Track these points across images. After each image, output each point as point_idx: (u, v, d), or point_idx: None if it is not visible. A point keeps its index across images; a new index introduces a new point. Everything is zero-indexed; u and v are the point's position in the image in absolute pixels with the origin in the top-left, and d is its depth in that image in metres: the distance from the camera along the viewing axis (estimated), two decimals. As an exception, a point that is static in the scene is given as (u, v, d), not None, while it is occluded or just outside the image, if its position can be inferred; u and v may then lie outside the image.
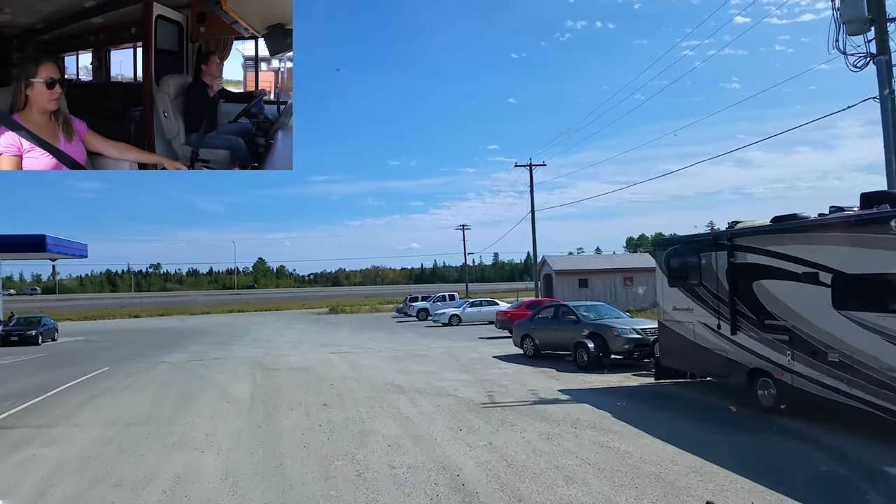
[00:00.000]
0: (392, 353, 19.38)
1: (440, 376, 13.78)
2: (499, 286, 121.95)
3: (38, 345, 27.80)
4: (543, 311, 17.25)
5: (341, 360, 17.64)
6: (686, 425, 8.89)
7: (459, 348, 20.12)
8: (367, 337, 27.18)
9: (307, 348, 22.04)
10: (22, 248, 29.37)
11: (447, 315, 33.37)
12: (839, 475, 6.58)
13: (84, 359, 20.34)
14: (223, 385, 13.35)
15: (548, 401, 10.69)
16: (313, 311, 62.91)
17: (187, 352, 21.99)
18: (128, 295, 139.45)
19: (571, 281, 42.30)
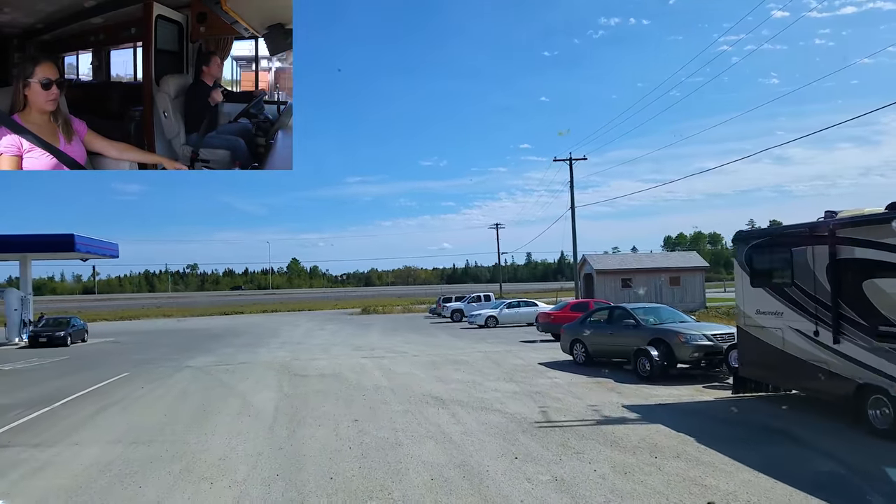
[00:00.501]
0: (428, 357, 18.03)
1: (483, 386, 12.36)
2: (532, 286, 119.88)
3: (67, 346, 27.26)
4: (596, 314, 15.67)
5: (374, 365, 16.35)
6: (790, 454, 7.30)
7: (500, 353, 18.65)
8: (400, 339, 25.91)
9: (338, 352, 20.84)
10: (51, 248, 29.05)
11: (483, 316, 31.88)
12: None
13: (107, 362, 19.50)
14: (246, 394, 12.17)
15: (613, 420, 9.17)
16: (345, 312, 62.10)
17: (214, 355, 21.01)
18: (164, 295, 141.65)
19: (613, 281, 40.37)
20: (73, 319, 29.36)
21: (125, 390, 12.96)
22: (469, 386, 12.43)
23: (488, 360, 16.67)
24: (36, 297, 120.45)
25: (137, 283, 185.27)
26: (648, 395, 11.15)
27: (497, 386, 12.36)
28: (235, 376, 14.95)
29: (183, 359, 19.75)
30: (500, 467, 6.87)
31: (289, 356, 19.68)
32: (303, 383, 13.48)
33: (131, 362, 19.00)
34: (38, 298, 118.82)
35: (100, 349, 25.57)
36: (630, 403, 10.34)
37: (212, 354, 21.28)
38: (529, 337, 24.60)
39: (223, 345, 25.89)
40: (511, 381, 13.01)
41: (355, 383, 13.23)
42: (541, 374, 14.00)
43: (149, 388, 13.32)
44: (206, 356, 20.61)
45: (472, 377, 13.65)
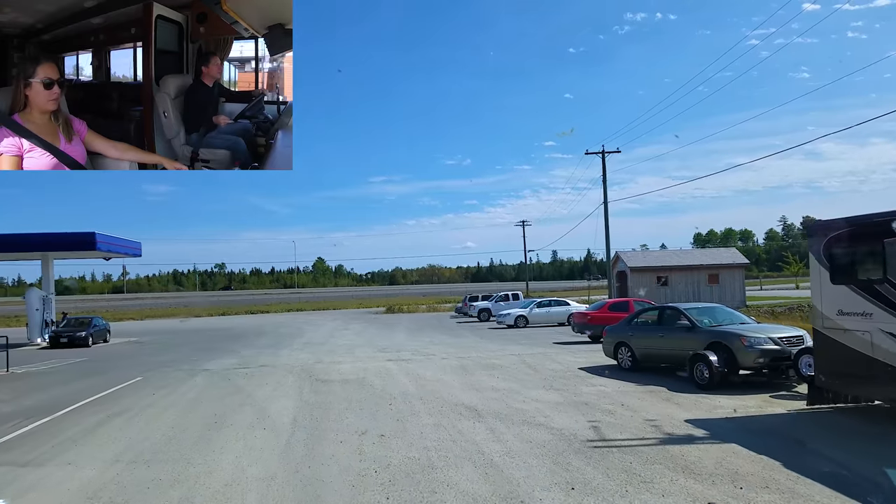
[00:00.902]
0: (457, 361, 16.90)
1: (521, 395, 11.19)
2: (558, 285, 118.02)
3: (88, 346, 26.75)
4: (643, 315, 14.37)
5: (400, 370, 15.27)
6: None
7: (535, 356, 17.43)
8: (426, 340, 24.83)
9: (362, 353, 19.84)
10: (72, 247, 28.60)
11: (513, 316, 30.62)
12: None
13: (123, 364, 18.76)
14: (263, 403, 11.19)
15: (679, 438, 7.93)
16: (370, 311, 61.29)
17: (235, 357, 20.17)
18: (192, 294, 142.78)
19: (649, 278, 38.76)
20: (94, 319, 28.86)
21: (134, 397, 12.07)
22: (506, 395, 11.27)
23: (523, 365, 15.47)
24: (66, 296, 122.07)
25: (166, 282, 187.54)
26: (711, 406, 9.87)
27: (537, 395, 11.18)
28: (253, 381, 14.00)
29: (202, 361, 18.93)
30: (555, 501, 5.71)
31: (311, 359, 18.72)
32: (324, 389, 12.46)
33: (148, 365, 18.23)
34: (68, 298, 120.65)
35: (120, 350, 24.97)
36: (693, 417, 9.08)
37: (232, 356, 20.45)
38: (563, 338, 23.32)
39: (245, 345, 25.11)
40: (552, 388, 11.82)
41: (381, 390, 12.16)
42: (584, 380, 12.77)
43: (160, 394, 12.41)
44: (226, 358, 19.77)
45: (507, 384, 12.48)
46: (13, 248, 28.56)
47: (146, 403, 11.32)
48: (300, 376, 14.58)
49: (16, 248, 28.55)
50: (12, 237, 28.53)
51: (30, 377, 16.20)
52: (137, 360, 20.25)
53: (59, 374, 16.77)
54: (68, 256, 32.88)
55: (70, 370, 17.62)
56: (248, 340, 28.17)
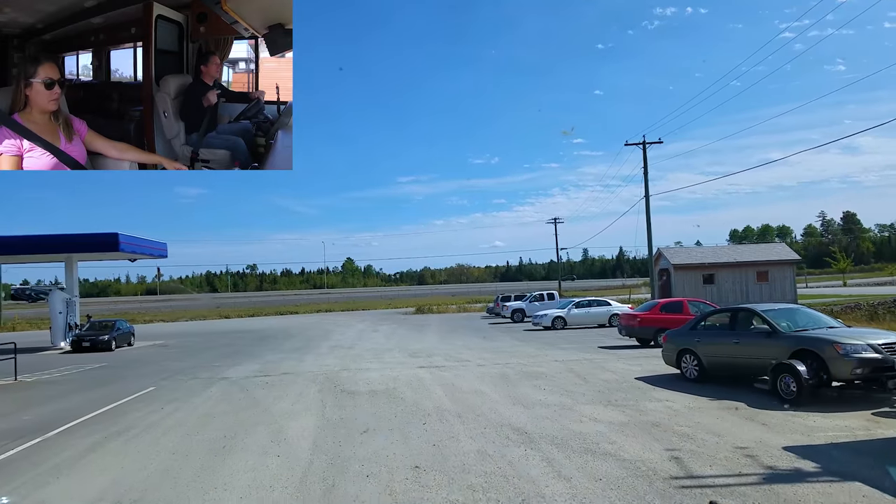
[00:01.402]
0: (496, 368, 15.42)
1: (576, 412, 9.67)
2: (591, 283, 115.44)
3: (112, 350, 25.97)
4: (712, 318, 12.67)
5: (433, 379, 13.86)
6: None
7: (582, 363, 15.85)
8: (459, 344, 23.39)
9: (392, 359, 18.50)
10: (95, 248, 27.95)
11: (549, 317, 28.94)
12: None
13: (140, 372, 17.72)
14: (281, 420, 9.89)
15: (785, 474, 6.34)
16: (399, 311, 60.08)
17: (258, 362, 19.03)
18: (224, 295, 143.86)
19: (693, 276, 36.65)
20: (118, 322, 28.12)
21: (139, 413, 10.87)
22: (558, 412, 9.76)
23: (571, 373, 13.92)
24: (99, 298, 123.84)
25: (198, 283, 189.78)
26: (807, 428, 8.22)
27: (595, 412, 9.64)
28: (273, 392, 12.73)
29: (223, 367, 17.81)
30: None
31: (337, 365, 17.45)
32: (350, 403, 11.12)
33: (166, 372, 17.15)
34: (102, 300, 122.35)
35: (142, 355, 24.09)
36: (792, 444, 7.45)
37: (255, 361, 19.31)
38: (607, 341, 21.64)
39: (271, 349, 24.04)
40: (610, 404, 10.27)
41: (413, 404, 10.77)
42: (645, 394, 11.18)
43: (169, 409, 11.20)
44: (249, 364, 18.63)
45: (558, 398, 10.96)
46: (36, 249, 28.00)
47: (151, 421, 10.09)
48: (324, 386, 13.27)
49: (39, 249, 27.98)
50: (35, 238, 27.99)
51: (37, 387, 15.22)
52: (157, 366, 19.23)
53: (70, 382, 15.77)
54: (92, 258, 32.34)
55: (83, 378, 16.63)
56: (275, 343, 27.14)
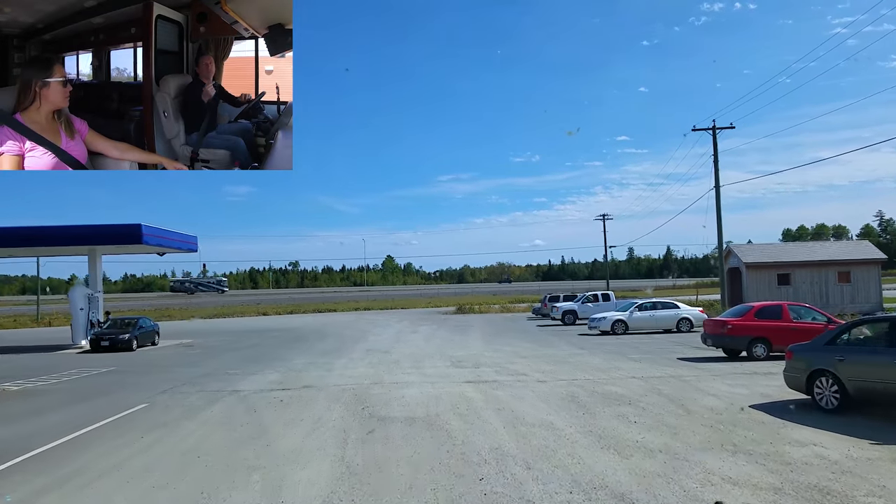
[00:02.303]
0: (561, 386, 12.59)
1: (695, 465, 6.80)
2: (639, 283, 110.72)
3: (132, 350, 24.09)
4: (857, 330, 9.53)
5: (486, 400, 11.13)
6: None
7: (668, 381, 12.87)
8: (509, 350, 20.59)
9: (433, 369, 15.86)
10: (118, 240, 26.18)
11: (609, 320, 25.79)
12: None
13: (147, 380, 15.49)
14: (285, 464, 7.31)
15: None
16: (439, 310, 57.49)
17: (280, 370, 16.68)
18: (265, 292, 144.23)
19: (767, 276, 32.85)
20: (140, 320, 26.25)
21: (105, 447, 8.33)
22: (668, 464, 6.88)
23: (661, 397, 10.97)
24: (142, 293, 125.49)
25: (242, 279, 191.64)
26: None
27: (722, 465, 6.74)
28: (286, 415, 10.22)
29: (238, 376, 15.48)
30: None
31: (369, 375, 14.90)
32: (380, 437, 8.48)
33: (173, 381, 14.89)
34: (144, 295, 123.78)
35: (160, 356, 22.09)
36: None
37: (278, 368, 16.96)
38: (682, 351, 18.53)
39: (299, 352, 21.76)
40: (737, 449, 7.35)
41: (462, 442, 8.06)
42: (776, 432, 8.19)
43: (148, 440, 8.72)
44: (269, 371, 16.27)
45: (659, 438, 8.07)
46: (56, 241, 26.34)
47: (114, 462, 7.56)
48: (349, 408, 10.69)
49: (59, 241, 26.29)
50: (55, 230, 26.28)
51: (17, 399, 13.04)
52: (167, 372, 17.03)
53: (57, 394, 13.53)
54: (117, 251, 30.72)
55: (76, 388, 14.39)
56: (306, 345, 24.90)
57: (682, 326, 25.41)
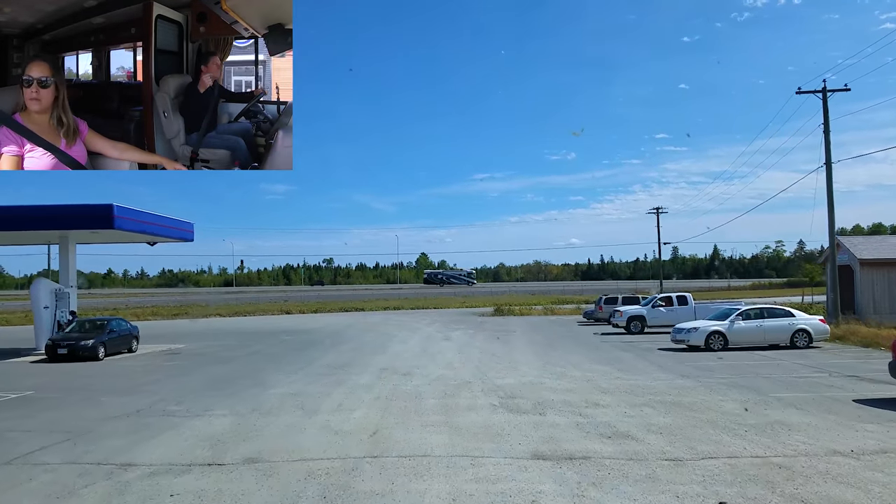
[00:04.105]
0: (717, 474, 6.95)
1: None
2: (688, 284, 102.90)
3: (98, 360, 19.27)
4: None
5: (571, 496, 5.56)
6: None
7: (880, 459, 7.07)
8: (579, 376, 14.90)
9: (470, 415, 10.32)
10: (88, 223, 21.29)
11: (702, 332, 19.46)
12: None
13: (43, 417, 10.38)
14: None
15: None
16: (475, 311, 51.77)
17: (242, 408, 11.37)
18: (295, 288, 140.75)
19: (886, 276, 26.33)
20: (111, 322, 21.38)
21: None
22: None
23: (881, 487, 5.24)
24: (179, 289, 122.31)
25: (275, 276, 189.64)
26: None
27: None
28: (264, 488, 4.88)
29: (171, 421, 10.23)
30: None
31: (367, 429, 9.39)
32: None
33: (70, 427, 9.67)
34: (176, 290, 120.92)
35: (118, 372, 17.06)
36: None
37: (238, 406, 11.64)
38: (837, 383, 12.59)
39: (295, 368, 16.63)
40: None
41: None
42: None
43: None
44: (221, 413, 10.93)
45: None
46: (18, 224, 21.63)
47: None
48: None
49: (21, 224, 21.58)
50: (16, 209, 21.55)
51: None
52: (91, 405, 11.79)
53: None
54: (94, 239, 25.93)
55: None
56: (311, 356, 19.84)
57: (799, 341, 19.24)
